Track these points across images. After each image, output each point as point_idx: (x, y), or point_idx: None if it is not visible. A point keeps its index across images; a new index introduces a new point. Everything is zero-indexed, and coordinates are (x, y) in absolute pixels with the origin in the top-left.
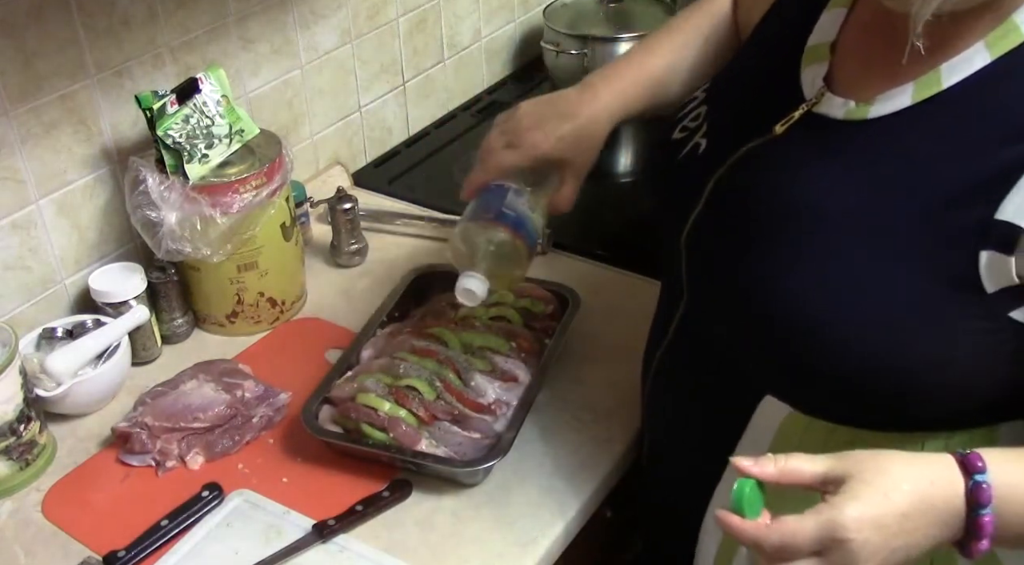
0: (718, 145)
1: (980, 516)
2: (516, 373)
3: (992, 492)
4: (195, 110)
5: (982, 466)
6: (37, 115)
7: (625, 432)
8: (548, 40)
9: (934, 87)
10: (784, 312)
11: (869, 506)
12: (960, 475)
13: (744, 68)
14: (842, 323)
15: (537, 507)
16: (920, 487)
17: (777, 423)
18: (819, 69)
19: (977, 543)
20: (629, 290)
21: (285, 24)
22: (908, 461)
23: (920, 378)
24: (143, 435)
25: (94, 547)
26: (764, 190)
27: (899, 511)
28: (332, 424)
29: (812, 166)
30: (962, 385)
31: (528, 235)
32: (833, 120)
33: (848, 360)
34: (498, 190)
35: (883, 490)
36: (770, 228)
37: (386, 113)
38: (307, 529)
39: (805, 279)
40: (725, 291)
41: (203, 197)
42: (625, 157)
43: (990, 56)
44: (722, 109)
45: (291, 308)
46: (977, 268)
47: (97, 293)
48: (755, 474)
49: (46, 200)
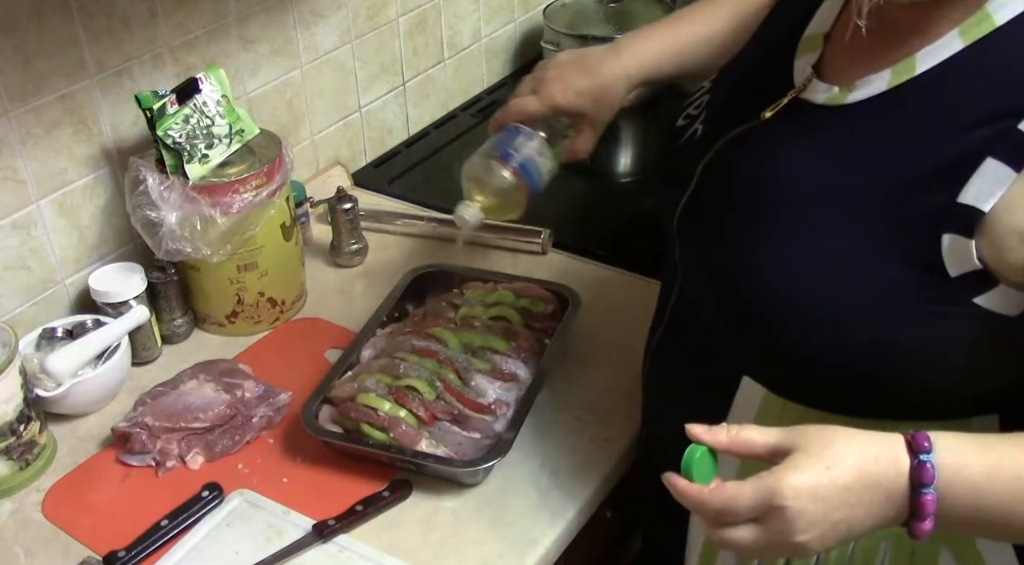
0: (711, 130)
1: (922, 494)
2: (516, 373)
3: (936, 473)
4: (195, 110)
5: (928, 446)
6: (37, 115)
7: (625, 432)
8: (548, 40)
9: (909, 72)
10: (753, 291)
11: (808, 476)
12: (906, 454)
13: (745, 59)
14: (806, 302)
15: (537, 507)
16: (864, 463)
17: (756, 405)
18: (811, 58)
19: (920, 523)
20: (629, 290)
21: (285, 24)
22: (855, 436)
23: (883, 360)
24: (143, 435)
25: (94, 547)
26: (745, 173)
27: (840, 484)
28: (332, 424)
29: (791, 149)
30: (927, 371)
31: (529, 177)
32: (815, 105)
33: (812, 339)
34: (513, 131)
35: (825, 462)
36: (749, 210)
37: (386, 113)
38: (307, 529)
39: (775, 259)
40: (708, 272)
41: (203, 197)
42: (625, 157)
43: (963, 43)
44: (721, 96)
45: (291, 308)
46: (940, 252)
47: (97, 293)
48: (706, 440)
49: (46, 200)
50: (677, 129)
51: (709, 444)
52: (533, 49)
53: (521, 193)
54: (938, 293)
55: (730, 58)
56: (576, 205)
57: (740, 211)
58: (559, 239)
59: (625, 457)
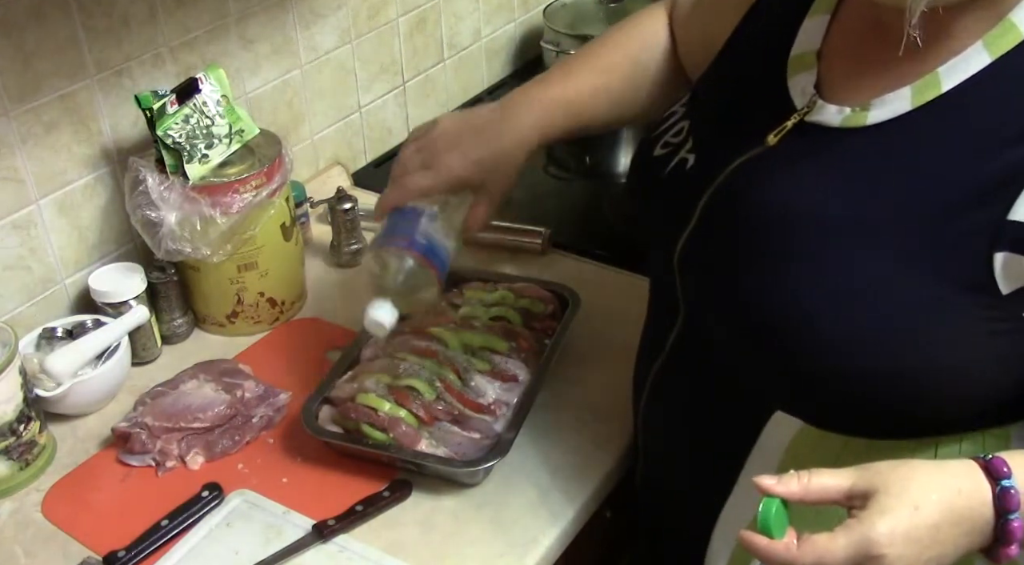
0: (707, 160)
1: (1009, 521)
2: (516, 373)
3: (1020, 498)
4: (195, 110)
5: (1007, 471)
6: (37, 115)
7: (625, 432)
8: (548, 40)
9: (933, 90)
10: (788, 324)
11: (900, 520)
12: (986, 481)
13: (724, 80)
14: (848, 331)
15: (537, 507)
16: (948, 497)
17: (788, 439)
18: (808, 77)
19: (1007, 548)
20: (629, 290)
21: (285, 24)
22: (933, 471)
23: (931, 383)
24: (143, 435)
25: (94, 547)
26: (761, 202)
27: (930, 523)
28: (332, 424)
29: (810, 175)
30: (975, 389)
31: (440, 263)
32: (829, 128)
33: (856, 369)
34: (411, 213)
35: (912, 502)
36: (769, 240)
37: (386, 113)
38: (307, 529)
39: (810, 289)
40: (726, 307)
41: (203, 197)
42: (625, 157)
43: (989, 57)
44: (707, 123)
45: (291, 308)
46: (992, 270)
47: (97, 293)
48: (780, 493)
49: (46, 200)
50: (657, 159)
51: (782, 496)
52: (533, 49)
53: (432, 280)
54: (989, 311)
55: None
56: (576, 205)
57: (760, 242)
58: (559, 239)
59: (625, 457)
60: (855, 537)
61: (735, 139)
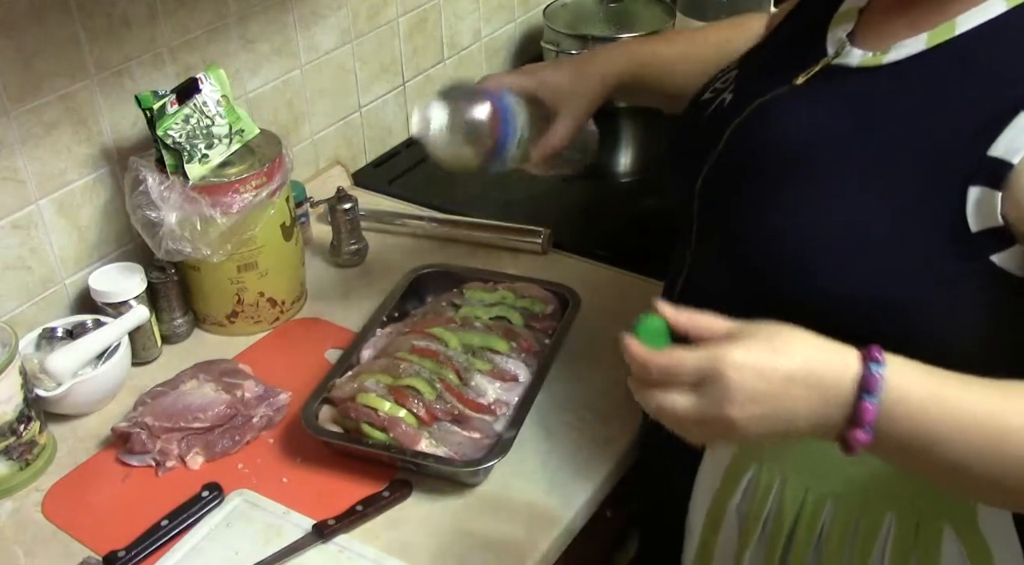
0: (741, 97)
1: (863, 401)
2: (516, 373)
3: (883, 384)
4: (195, 110)
5: (880, 358)
6: (37, 115)
7: (625, 432)
8: (548, 40)
9: (948, 34)
10: (770, 249)
11: (755, 354)
12: (857, 361)
13: (776, 39)
14: (823, 259)
15: (537, 507)
16: (812, 357)
17: None
18: (845, 28)
19: (856, 430)
20: (629, 290)
21: (285, 24)
22: (810, 337)
23: (900, 318)
24: (143, 435)
25: (94, 547)
26: (773, 135)
27: (784, 370)
28: (332, 424)
29: (822, 111)
30: (941, 331)
31: (503, 136)
32: (850, 68)
33: (831, 298)
34: (505, 92)
35: (773, 347)
36: (773, 171)
37: (386, 113)
38: (307, 529)
39: (794, 217)
40: (726, 235)
41: (203, 197)
42: (625, 157)
43: (1006, 5)
44: (750, 71)
45: (291, 308)
46: (964, 205)
47: (97, 293)
48: (667, 315)
49: (46, 200)
50: (702, 102)
51: (669, 318)
52: (533, 49)
53: (485, 144)
54: (959, 249)
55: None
56: (576, 205)
57: (766, 173)
58: (559, 239)
59: (625, 457)
60: (707, 354)
61: (769, 82)
